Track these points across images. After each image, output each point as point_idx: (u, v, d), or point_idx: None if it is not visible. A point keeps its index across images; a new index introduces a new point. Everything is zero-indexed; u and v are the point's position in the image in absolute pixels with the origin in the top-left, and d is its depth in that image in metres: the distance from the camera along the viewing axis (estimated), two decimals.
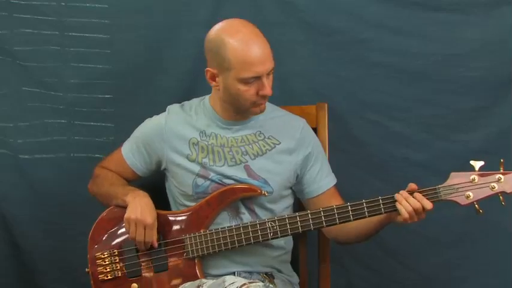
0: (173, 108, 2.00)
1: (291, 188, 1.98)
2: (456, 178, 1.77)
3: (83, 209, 2.20)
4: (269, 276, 1.93)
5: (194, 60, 2.09)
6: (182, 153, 1.93)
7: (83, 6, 2.24)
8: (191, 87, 2.22)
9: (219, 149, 1.92)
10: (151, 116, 2.02)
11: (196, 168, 1.92)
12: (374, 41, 2.19)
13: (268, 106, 1.95)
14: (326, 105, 2.14)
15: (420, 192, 1.78)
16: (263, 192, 1.88)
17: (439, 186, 1.78)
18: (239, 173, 1.91)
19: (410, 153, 2.22)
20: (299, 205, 2.04)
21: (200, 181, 1.92)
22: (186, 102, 2.02)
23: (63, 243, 2.32)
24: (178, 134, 1.95)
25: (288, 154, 1.94)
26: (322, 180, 1.97)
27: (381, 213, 1.81)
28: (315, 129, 2.07)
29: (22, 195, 2.32)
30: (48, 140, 2.31)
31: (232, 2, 2.20)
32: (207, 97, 1.98)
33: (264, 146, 1.93)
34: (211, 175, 1.91)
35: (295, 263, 2.08)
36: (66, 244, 2.31)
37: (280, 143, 1.94)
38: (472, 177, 1.76)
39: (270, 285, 1.87)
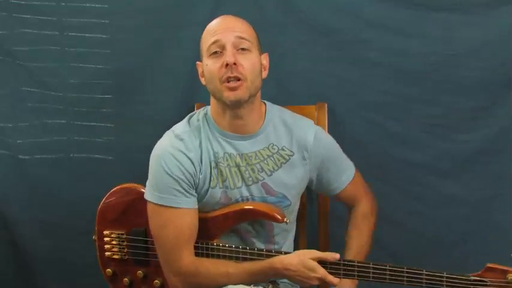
0: (188, 143, 1.86)
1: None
2: (491, 272, 1.66)
3: (82, 209, 2.20)
4: (272, 283, 1.91)
5: (194, 60, 2.07)
6: (206, 181, 1.86)
7: (83, 6, 2.24)
8: (191, 87, 2.21)
9: (236, 169, 1.87)
10: (151, 116, 2.00)
11: (218, 193, 1.86)
12: (374, 41, 2.19)
13: (276, 111, 1.93)
14: (326, 105, 2.14)
15: (452, 278, 1.70)
16: (285, 220, 1.85)
17: (472, 277, 1.68)
18: (257, 192, 1.88)
19: (410, 153, 2.22)
20: (302, 208, 2.03)
21: (220, 206, 1.88)
22: (190, 129, 1.89)
23: (63, 243, 2.33)
24: (200, 166, 1.85)
25: (301, 165, 1.91)
26: (341, 177, 1.97)
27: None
28: None
29: (22, 195, 2.32)
30: (48, 140, 2.31)
31: (232, 2, 2.19)
32: (208, 109, 1.92)
33: (279, 160, 1.89)
34: (232, 200, 1.87)
35: None
36: (66, 244, 2.32)
37: (293, 154, 1.90)
38: (511, 277, 1.63)
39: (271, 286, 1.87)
